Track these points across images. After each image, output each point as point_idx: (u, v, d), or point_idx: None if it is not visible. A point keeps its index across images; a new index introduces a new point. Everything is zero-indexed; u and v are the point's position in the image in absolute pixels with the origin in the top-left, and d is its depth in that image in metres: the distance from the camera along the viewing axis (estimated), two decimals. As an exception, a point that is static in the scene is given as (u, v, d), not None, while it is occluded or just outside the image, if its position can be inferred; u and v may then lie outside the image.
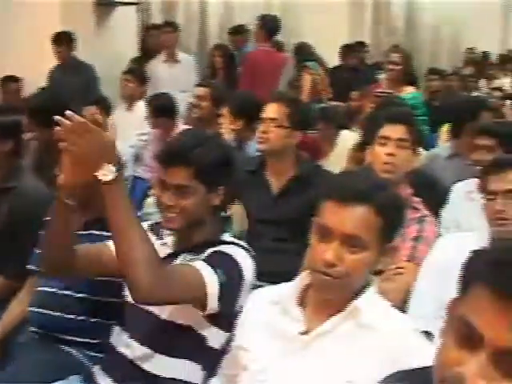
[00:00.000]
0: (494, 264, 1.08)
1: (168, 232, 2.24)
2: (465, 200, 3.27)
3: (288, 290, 1.83)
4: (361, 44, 8.93)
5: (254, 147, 4.01)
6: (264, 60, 6.32)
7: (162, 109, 4.93)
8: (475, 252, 1.15)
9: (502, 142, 3.34)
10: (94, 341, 2.41)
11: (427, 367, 1.19)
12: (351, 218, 1.69)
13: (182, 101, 5.55)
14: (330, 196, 1.73)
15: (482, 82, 9.90)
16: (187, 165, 2.08)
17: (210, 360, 2.11)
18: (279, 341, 1.77)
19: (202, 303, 2.01)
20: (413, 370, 1.33)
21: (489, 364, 1.04)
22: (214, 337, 2.13)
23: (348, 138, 4.89)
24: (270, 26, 6.60)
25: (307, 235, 1.80)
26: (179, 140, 2.22)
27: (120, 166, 1.87)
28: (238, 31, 7.73)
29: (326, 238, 1.70)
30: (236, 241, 2.23)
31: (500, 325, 1.04)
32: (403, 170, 2.83)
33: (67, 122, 1.79)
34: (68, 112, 1.80)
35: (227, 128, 4.42)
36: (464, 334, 1.08)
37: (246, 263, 2.12)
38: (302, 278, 1.82)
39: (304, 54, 7.22)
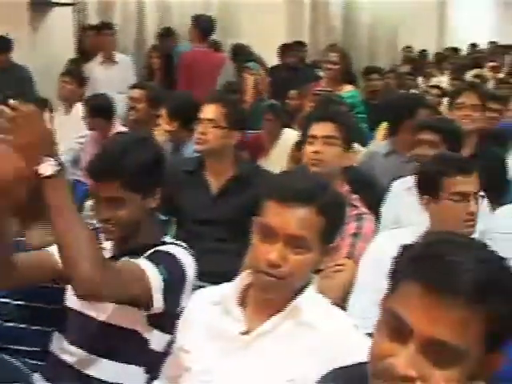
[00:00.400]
0: (419, 259, 1.14)
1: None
2: (404, 196, 3.32)
3: (229, 290, 1.82)
4: (299, 43, 8.97)
5: (191, 148, 3.99)
6: (199, 60, 6.29)
7: (99, 109, 4.87)
8: (404, 247, 1.19)
9: (445, 138, 3.41)
10: (36, 349, 2.36)
11: (363, 363, 1.20)
12: (295, 218, 1.69)
13: (120, 102, 5.49)
14: (272, 196, 1.73)
15: (420, 80, 10.06)
16: (116, 178, 2.07)
17: (153, 363, 2.09)
18: (220, 341, 1.77)
19: (146, 300, 2.00)
20: (349, 366, 1.35)
21: (418, 354, 1.11)
22: (157, 339, 2.12)
23: (290, 136, 4.91)
24: (204, 26, 6.57)
25: (247, 235, 1.80)
26: (105, 152, 2.18)
27: (61, 162, 1.83)
28: (167, 34, 7.68)
29: (269, 238, 1.70)
30: (176, 242, 2.22)
31: (427, 317, 1.10)
32: (334, 166, 2.87)
33: (8, 110, 1.75)
34: (11, 101, 1.76)
35: (164, 129, 4.40)
36: (395, 327, 1.14)
37: (188, 262, 2.13)
38: (243, 278, 1.82)
39: (242, 54, 7.23)
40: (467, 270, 1.11)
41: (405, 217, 3.26)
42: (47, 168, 1.78)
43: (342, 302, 2.49)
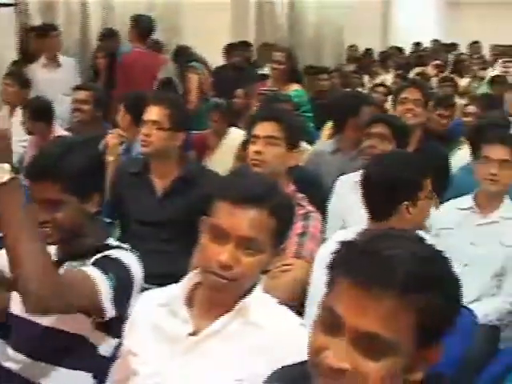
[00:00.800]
0: (351, 254, 1.17)
1: None
2: (349, 193, 3.35)
3: (176, 291, 1.81)
4: (245, 43, 8.99)
5: (139, 148, 3.96)
6: (139, 61, 6.22)
7: (39, 113, 4.79)
8: (340, 244, 1.21)
9: (396, 133, 3.47)
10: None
11: (307, 361, 1.21)
12: (247, 220, 1.69)
13: (65, 104, 5.42)
14: (223, 197, 1.72)
15: (366, 79, 10.16)
16: (54, 179, 2.04)
17: (101, 367, 2.08)
18: (168, 343, 1.76)
19: (96, 310, 1.98)
20: (293, 365, 1.35)
21: (350, 347, 1.14)
22: (104, 344, 2.10)
23: (236, 135, 4.92)
24: (143, 26, 6.51)
25: (193, 236, 1.79)
26: (44, 153, 2.15)
27: (16, 168, 1.79)
28: (110, 35, 7.60)
29: (219, 239, 1.69)
30: (121, 244, 2.20)
31: (357, 310, 1.14)
32: (278, 166, 2.88)
33: None
34: None
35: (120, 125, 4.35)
36: (330, 322, 1.18)
37: (134, 266, 2.12)
38: (190, 278, 1.81)
39: (184, 55, 7.20)
40: (398, 262, 1.13)
41: (349, 214, 3.30)
42: (1, 175, 1.74)
43: (290, 301, 2.50)
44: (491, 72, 10.35)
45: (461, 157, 4.54)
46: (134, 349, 1.83)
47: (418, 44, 13.86)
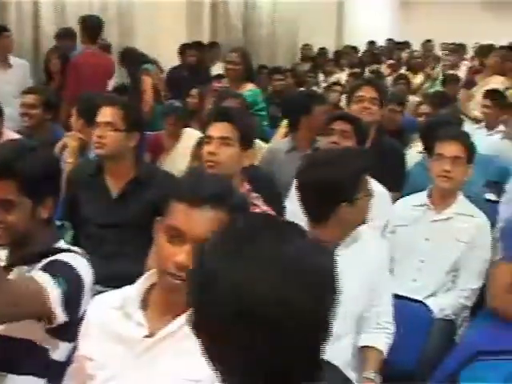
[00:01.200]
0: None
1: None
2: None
3: (130, 293, 1.80)
4: (199, 43, 8.97)
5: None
6: (89, 62, 6.15)
7: None
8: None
9: (356, 130, 3.49)
10: None
11: None
12: (203, 220, 1.68)
13: (15, 106, 5.31)
14: (180, 198, 1.71)
15: (321, 78, 10.22)
16: (10, 178, 2.01)
17: (55, 373, 2.05)
18: (124, 346, 1.74)
19: (47, 315, 1.95)
20: None
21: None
22: (57, 349, 2.07)
23: (191, 136, 4.89)
24: (91, 26, 6.42)
25: (149, 237, 1.78)
26: (0, 152, 2.11)
27: None
28: (65, 34, 7.51)
29: (176, 240, 1.68)
30: (72, 247, 2.18)
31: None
32: (232, 166, 2.88)
33: None
34: None
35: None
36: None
37: (84, 269, 2.09)
38: (146, 279, 1.80)
39: (133, 56, 7.16)
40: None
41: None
42: None
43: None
44: (438, 69, 10.51)
45: (414, 154, 4.60)
46: (89, 353, 1.81)
47: (372, 43, 13.98)
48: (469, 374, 2.75)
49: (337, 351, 2.53)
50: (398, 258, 3.28)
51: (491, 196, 4.45)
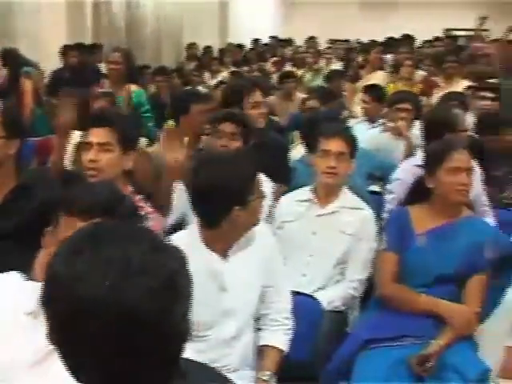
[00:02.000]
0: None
1: None
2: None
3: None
4: (81, 44, 8.79)
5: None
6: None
7: None
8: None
9: (243, 132, 3.50)
10: None
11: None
12: None
13: None
14: (70, 212, 1.70)
15: (206, 77, 10.21)
16: None
17: None
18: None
19: None
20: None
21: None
22: None
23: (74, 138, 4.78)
24: None
25: (35, 249, 1.74)
26: None
27: None
28: None
29: None
30: None
31: None
32: (113, 171, 2.85)
33: None
34: None
35: None
36: None
37: None
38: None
39: (13, 58, 6.94)
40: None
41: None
42: None
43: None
44: (323, 64, 10.72)
45: (299, 149, 4.66)
46: None
47: (256, 41, 14.09)
48: (360, 362, 2.83)
49: (235, 350, 2.56)
50: (286, 254, 3.33)
51: (375, 188, 4.58)
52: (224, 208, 2.42)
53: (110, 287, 1.07)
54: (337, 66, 10.44)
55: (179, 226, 3.36)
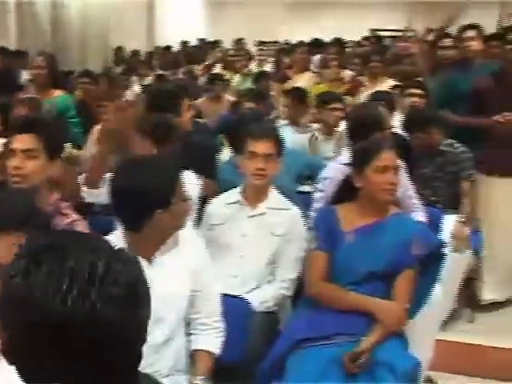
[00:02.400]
0: None
1: None
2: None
3: None
4: (3, 49, 8.59)
5: None
6: None
7: None
8: None
9: (156, 139, 3.48)
10: None
11: None
12: (10, 246, 1.63)
13: None
14: None
15: (135, 80, 10.10)
16: None
17: None
18: None
19: None
20: None
21: None
22: None
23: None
24: None
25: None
26: None
27: None
28: None
29: None
30: None
31: None
32: (38, 178, 2.80)
33: None
34: None
35: None
36: None
37: None
38: None
39: None
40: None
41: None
42: None
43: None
44: (253, 66, 10.73)
45: (227, 151, 4.66)
46: None
47: (185, 43, 14.00)
48: (293, 362, 2.84)
49: (167, 355, 2.53)
50: (216, 257, 3.30)
51: (304, 188, 4.60)
52: (145, 211, 2.38)
53: (77, 297, 1.09)
54: (267, 67, 10.47)
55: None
